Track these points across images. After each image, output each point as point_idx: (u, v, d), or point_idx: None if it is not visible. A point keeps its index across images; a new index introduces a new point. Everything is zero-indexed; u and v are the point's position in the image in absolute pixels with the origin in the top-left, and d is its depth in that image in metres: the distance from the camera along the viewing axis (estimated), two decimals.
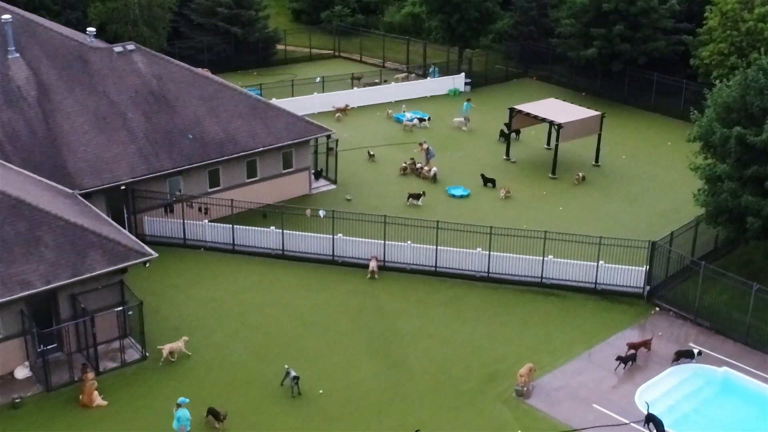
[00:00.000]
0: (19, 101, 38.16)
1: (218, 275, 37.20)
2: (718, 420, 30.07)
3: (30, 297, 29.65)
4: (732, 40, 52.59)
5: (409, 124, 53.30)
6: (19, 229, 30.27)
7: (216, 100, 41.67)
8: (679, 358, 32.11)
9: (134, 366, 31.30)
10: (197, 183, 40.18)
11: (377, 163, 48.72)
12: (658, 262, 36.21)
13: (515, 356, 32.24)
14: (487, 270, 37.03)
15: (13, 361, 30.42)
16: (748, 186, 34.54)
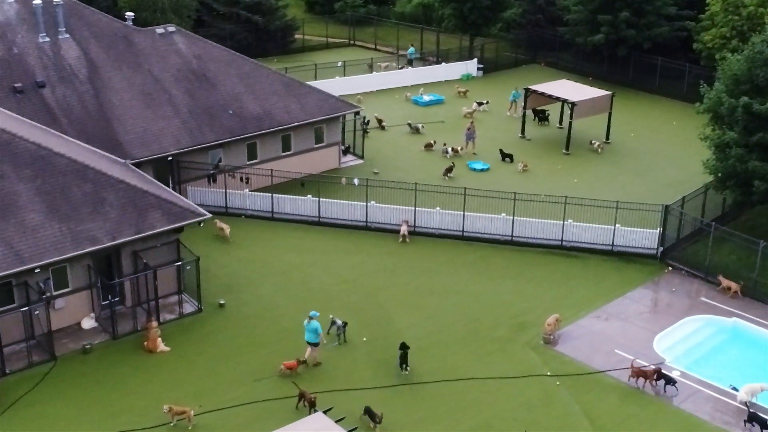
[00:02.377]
0: (72, 78, 40.69)
1: (259, 239, 39.79)
2: (729, 363, 32.79)
3: (96, 252, 32.19)
4: (733, 25, 55.37)
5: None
6: (85, 190, 32.78)
7: (252, 79, 44.27)
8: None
9: (191, 317, 33.87)
10: (236, 155, 42.76)
11: (399, 140, 51.32)
12: (671, 224, 38.92)
13: (540, 309, 34.83)
14: (511, 234, 39.65)
15: (80, 312, 32.92)
16: (755, 152, 37.29)
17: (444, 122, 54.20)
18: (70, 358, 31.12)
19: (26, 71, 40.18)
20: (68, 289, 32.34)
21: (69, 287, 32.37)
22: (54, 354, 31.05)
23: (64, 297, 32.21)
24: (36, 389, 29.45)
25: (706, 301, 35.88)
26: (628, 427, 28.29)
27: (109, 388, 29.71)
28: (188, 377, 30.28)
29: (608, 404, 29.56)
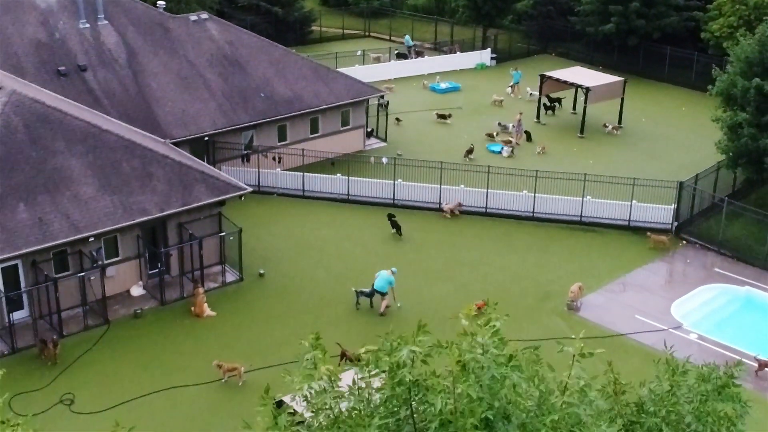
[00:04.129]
0: (111, 62, 42.54)
1: (293, 216, 41.65)
2: (743, 328, 34.70)
3: (145, 224, 34.07)
4: (740, 14, 57.31)
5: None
6: (134, 165, 34.63)
7: (282, 64, 46.15)
8: None
9: (233, 286, 35.75)
10: (267, 137, 44.64)
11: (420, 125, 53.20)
12: (685, 200, 40.84)
13: (563, 280, 36.69)
14: (533, 210, 41.54)
15: (130, 280, 34.79)
16: (766, 131, 39.19)
17: (461, 108, 56.03)
18: (122, 323, 32.98)
19: (68, 55, 42.04)
20: (119, 258, 34.20)
21: (119, 256, 34.22)
22: (107, 318, 32.91)
23: (115, 266, 34.05)
24: (92, 350, 31.31)
25: (720, 272, 37.78)
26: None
27: (160, 350, 31.57)
28: (235, 339, 32.13)
29: (632, 364, 31.33)
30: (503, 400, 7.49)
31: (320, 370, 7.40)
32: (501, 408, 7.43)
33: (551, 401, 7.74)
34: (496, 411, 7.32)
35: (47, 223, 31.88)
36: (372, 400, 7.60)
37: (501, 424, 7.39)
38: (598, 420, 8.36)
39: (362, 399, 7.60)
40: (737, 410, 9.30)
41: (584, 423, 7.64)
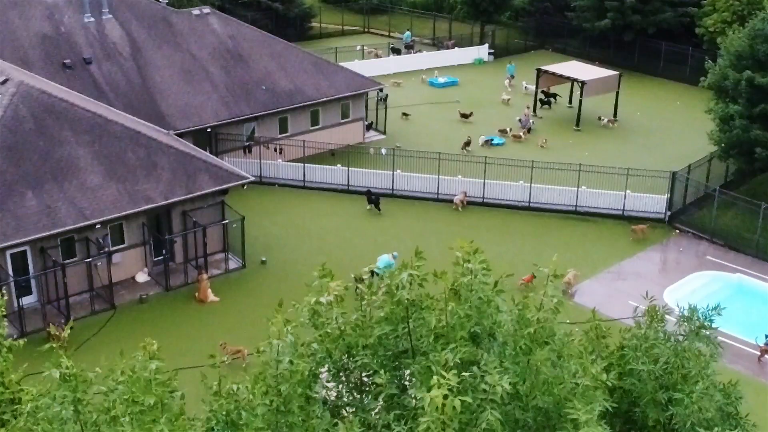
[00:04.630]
0: (116, 56, 43.39)
1: (294, 206, 42.52)
2: (734, 313, 35.51)
3: (150, 211, 34.92)
4: (734, 10, 58.22)
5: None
6: (139, 154, 35.47)
7: (283, 58, 47.01)
8: None
9: (236, 273, 36.61)
10: (269, 129, 45.50)
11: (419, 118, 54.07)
12: (678, 190, 41.70)
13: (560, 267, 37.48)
14: (529, 200, 42.41)
15: (135, 266, 35.63)
16: (757, 122, 40.08)
17: (459, 101, 56.87)
18: (128, 308, 33.85)
19: (74, 49, 42.89)
20: (124, 245, 35.03)
21: (125, 243, 35.06)
22: (113, 303, 33.77)
23: (121, 252, 34.89)
24: (99, 333, 32.18)
25: (712, 260, 38.68)
26: None
27: (165, 333, 32.32)
28: (238, 324, 32.95)
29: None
30: (489, 320, 8.39)
31: (329, 287, 8.32)
32: (487, 326, 8.33)
33: (527, 317, 8.62)
34: (482, 328, 8.23)
35: (55, 210, 32.70)
36: (373, 316, 8.54)
37: (487, 340, 8.30)
38: (582, 359, 9.25)
39: (365, 314, 8.52)
40: (711, 350, 10.19)
41: (558, 336, 8.52)
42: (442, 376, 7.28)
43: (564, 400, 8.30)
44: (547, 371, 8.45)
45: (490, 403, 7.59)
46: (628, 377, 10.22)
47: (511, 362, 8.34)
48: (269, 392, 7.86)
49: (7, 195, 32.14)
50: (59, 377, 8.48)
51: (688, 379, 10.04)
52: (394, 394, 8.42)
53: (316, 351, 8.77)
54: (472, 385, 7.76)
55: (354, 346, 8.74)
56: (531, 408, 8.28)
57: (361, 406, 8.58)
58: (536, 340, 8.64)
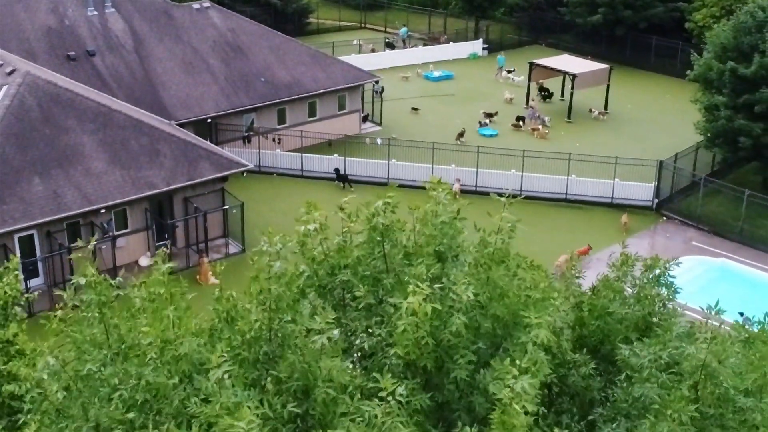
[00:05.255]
0: (119, 48, 44.60)
1: (292, 194, 43.68)
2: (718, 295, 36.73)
3: (153, 197, 36.12)
4: (722, 5, 59.46)
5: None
6: (142, 142, 36.68)
7: (282, 50, 48.24)
8: None
9: (235, 257, 37.78)
10: (267, 119, 46.72)
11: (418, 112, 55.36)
12: (665, 178, 42.96)
13: (550, 252, 38.63)
14: (521, 188, 43.58)
15: (138, 251, 36.84)
16: (741, 112, 41.33)
17: (454, 95, 58.13)
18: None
19: (78, 41, 44.09)
20: (128, 230, 36.24)
21: (129, 228, 36.27)
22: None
23: (124, 237, 36.09)
24: None
25: (698, 245, 39.92)
26: None
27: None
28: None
29: None
30: (453, 241, 9.68)
31: (314, 216, 9.61)
32: (452, 246, 9.62)
33: (486, 239, 9.87)
34: (446, 247, 9.52)
35: (61, 195, 33.90)
36: (353, 240, 9.84)
37: (450, 258, 9.58)
38: (553, 296, 10.49)
39: (345, 239, 9.81)
40: (670, 294, 11.52)
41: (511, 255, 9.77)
42: (418, 286, 8.50)
43: (518, 310, 9.54)
44: (504, 285, 9.69)
45: (457, 311, 8.81)
46: (601, 317, 11.44)
47: (473, 278, 9.56)
48: (262, 292, 9.11)
49: (15, 180, 33.31)
50: (85, 283, 9.73)
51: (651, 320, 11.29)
52: (371, 304, 9.71)
53: (304, 270, 10.04)
54: (442, 294, 8.99)
55: (336, 267, 10.04)
56: (490, 316, 9.51)
57: (343, 317, 9.88)
58: (494, 259, 9.88)
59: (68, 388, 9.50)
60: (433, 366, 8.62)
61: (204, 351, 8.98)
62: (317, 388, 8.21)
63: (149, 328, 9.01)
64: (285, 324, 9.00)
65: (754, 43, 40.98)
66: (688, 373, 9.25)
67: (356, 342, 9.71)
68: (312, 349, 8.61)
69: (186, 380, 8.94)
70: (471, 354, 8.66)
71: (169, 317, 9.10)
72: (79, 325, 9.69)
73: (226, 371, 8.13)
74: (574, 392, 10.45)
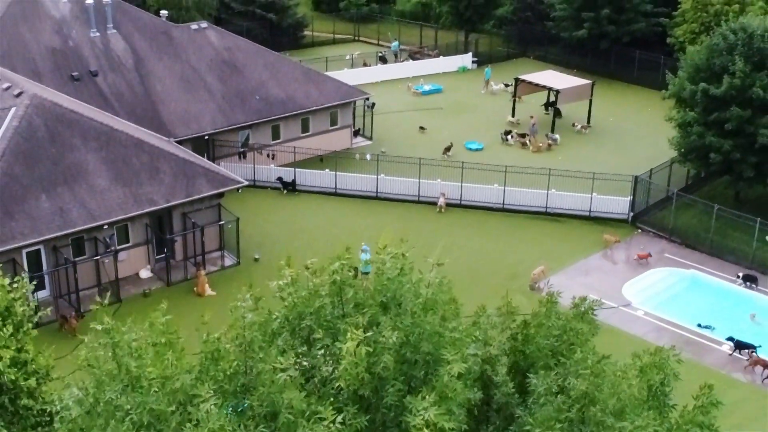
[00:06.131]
0: (120, 67, 46.74)
1: (285, 207, 45.92)
2: (688, 304, 39.01)
3: (153, 213, 38.24)
4: (702, 21, 61.72)
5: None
6: (143, 160, 38.80)
7: (276, 68, 50.41)
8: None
9: (231, 269, 39.97)
10: (262, 135, 48.89)
11: (403, 124, 57.52)
12: (640, 192, 45.15)
13: (529, 262, 40.95)
14: (503, 202, 45.81)
15: (139, 263, 38.96)
16: (711, 129, 43.51)
17: (442, 108, 60.33)
18: (132, 300, 37.16)
19: (81, 61, 46.22)
20: (129, 244, 38.36)
21: (130, 242, 38.38)
22: (120, 297, 37.09)
23: (126, 250, 38.21)
24: None
25: (670, 257, 42.09)
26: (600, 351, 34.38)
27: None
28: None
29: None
30: (396, 293, 11.90)
31: (286, 272, 11.83)
32: (395, 298, 11.85)
33: (421, 291, 12.07)
34: (389, 299, 11.75)
35: (66, 211, 36.01)
36: (318, 291, 12.09)
37: (393, 307, 11.81)
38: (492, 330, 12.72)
39: (311, 290, 12.05)
40: (591, 329, 13.77)
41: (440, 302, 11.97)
42: (354, 333, 10.76)
43: (441, 347, 11.79)
44: (430, 327, 11.91)
45: (386, 350, 11.04)
46: (528, 345, 13.67)
47: (408, 321, 11.78)
48: (238, 336, 11.43)
49: (23, 198, 35.41)
50: (101, 329, 11.95)
51: (573, 349, 13.50)
52: (328, 344, 11.99)
53: (277, 317, 12.36)
54: (374, 338, 11.25)
55: (303, 313, 12.34)
56: (420, 351, 11.71)
57: (306, 353, 12.18)
58: (425, 307, 12.11)
59: (89, 411, 11.76)
60: (371, 393, 10.85)
61: (196, 384, 11.23)
62: (281, 413, 10.48)
63: (152, 368, 11.25)
64: (257, 363, 11.23)
65: (725, 64, 43.12)
66: (575, 399, 11.44)
67: (317, 372, 11.97)
68: (278, 383, 10.85)
69: (181, 407, 11.20)
70: (400, 383, 10.86)
71: (168, 359, 11.31)
72: (97, 361, 11.93)
73: (213, 403, 10.40)
74: (498, 407, 12.65)
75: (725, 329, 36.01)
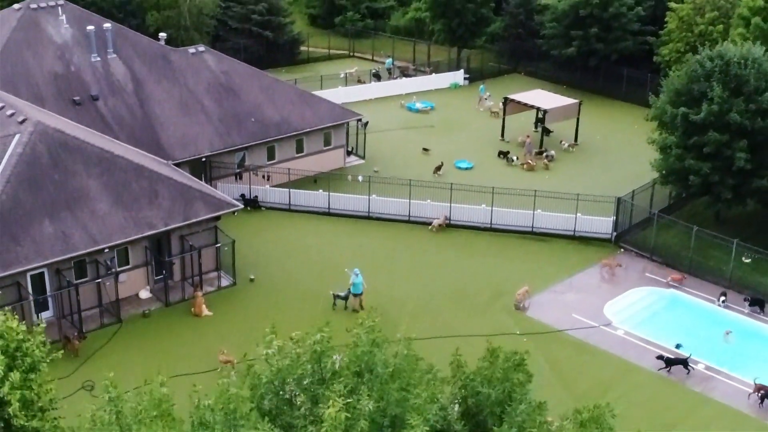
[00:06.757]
0: (120, 91, 48.31)
1: (280, 226, 47.50)
2: (667, 323, 40.53)
3: (152, 236, 39.78)
4: (687, 41, 63.37)
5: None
6: (142, 185, 40.33)
7: (271, 90, 51.99)
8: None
9: (227, 290, 41.52)
10: (258, 156, 50.46)
11: (395, 142, 59.12)
12: (623, 213, 46.74)
13: (514, 281, 42.47)
14: (490, 222, 47.38)
15: (138, 284, 40.51)
16: (691, 152, 45.08)
17: (434, 126, 61.91)
18: (132, 321, 38.73)
19: (82, 86, 47.79)
20: (129, 266, 39.91)
21: (130, 264, 39.93)
22: (120, 317, 38.65)
23: (126, 272, 39.76)
24: (109, 344, 37.06)
25: (651, 276, 43.65)
26: (580, 370, 35.98)
27: (166, 343, 37.32)
28: (229, 335, 37.78)
29: (565, 355, 37.24)
30: (369, 362, 13.55)
31: (274, 342, 13.42)
32: (368, 366, 13.49)
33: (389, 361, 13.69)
34: (362, 369, 13.40)
35: (69, 236, 37.54)
36: (300, 360, 13.73)
37: (366, 374, 13.45)
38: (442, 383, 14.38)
39: (293, 359, 13.69)
40: (526, 378, 15.45)
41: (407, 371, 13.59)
42: (336, 400, 12.38)
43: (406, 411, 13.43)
44: (397, 395, 13.53)
45: (362, 416, 12.66)
46: (475, 396, 15.37)
47: (377, 389, 13.42)
48: (224, 407, 13.04)
49: (28, 223, 36.94)
50: (107, 399, 13.57)
51: (513, 398, 15.19)
52: (309, 407, 13.64)
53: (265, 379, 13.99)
54: (352, 405, 12.86)
55: (287, 378, 13.99)
56: (388, 416, 13.34)
57: (290, 414, 13.84)
58: (393, 376, 13.76)
59: None
60: None
61: None
62: None
63: None
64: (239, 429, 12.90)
65: (704, 90, 44.70)
66: None
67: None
68: None
69: None
70: None
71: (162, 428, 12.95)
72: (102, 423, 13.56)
73: None
74: None
75: (703, 349, 37.54)
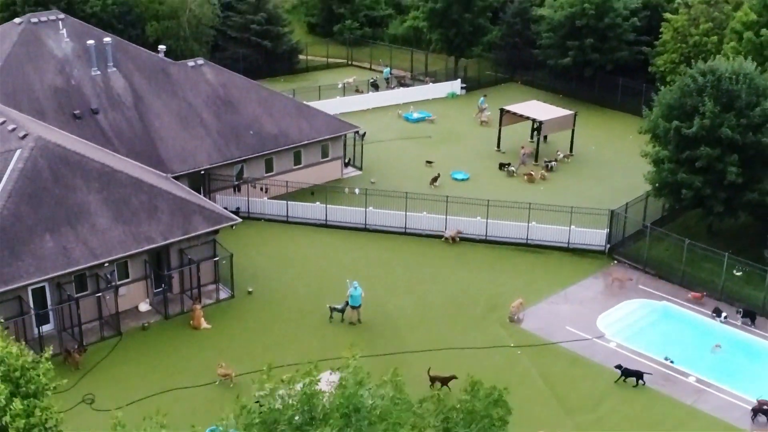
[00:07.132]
0: (120, 105, 48.92)
1: (278, 239, 48.08)
2: (657, 337, 41.13)
3: (151, 250, 40.38)
4: (681, 51, 63.97)
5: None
6: (141, 200, 40.91)
7: (269, 103, 52.60)
8: None
9: (225, 302, 42.10)
10: (256, 169, 51.06)
11: (392, 153, 59.71)
12: (616, 225, 47.33)
13: (509, 293, 43.07)
14: (485, 234, 47.98)
15: (138, 297, 41.10)
16: (683, 166, 45.68)
17: (431, 137, 62.50)
18: (132, 334, 39.32)
19: (83, 100, 48.40)
20: (129, 279, 40.50)
21: (129, 278, 40.53)
22: (120, 330, 39.25)
23: (125, 286, 40.36)
24: (109, 356, 37.64)
25: (643, 288, 44.24)
26: (573, 383, 36.57)
27: (165, 356, 37.90)
28: (227, 347, 38.40)
29: (559, 367, 37.81)
30: (357, 403, 14.21)
31: (269, 383, 14.13)
32: (355, 407, 14.16)
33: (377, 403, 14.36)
34: (350, 410, 14.06)
35: (69, 250, 38.11)
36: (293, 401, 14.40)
37: (353, 415, 14.12)
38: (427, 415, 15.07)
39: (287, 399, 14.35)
40: (504, 413, 16.17)
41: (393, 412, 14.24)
42: None
43: None
44: None
45: None
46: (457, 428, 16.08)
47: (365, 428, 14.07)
48: None
49: (28, 237, 37.51)
50: None
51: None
52: None
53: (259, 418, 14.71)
54: None
55: (278, 418, 14.67)
56: None
57: None
58: (378, 417, 14.43)
59: None
60: None
61: None
62: None
63: None
64: None
65: (696, 105, 45.31)
66: None
67: None
68: None
69: None
70: None
71: None
72: None
73: None
74: None
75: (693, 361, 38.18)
